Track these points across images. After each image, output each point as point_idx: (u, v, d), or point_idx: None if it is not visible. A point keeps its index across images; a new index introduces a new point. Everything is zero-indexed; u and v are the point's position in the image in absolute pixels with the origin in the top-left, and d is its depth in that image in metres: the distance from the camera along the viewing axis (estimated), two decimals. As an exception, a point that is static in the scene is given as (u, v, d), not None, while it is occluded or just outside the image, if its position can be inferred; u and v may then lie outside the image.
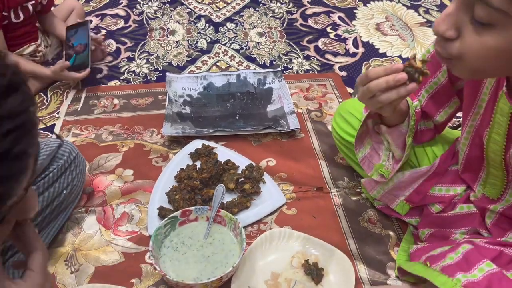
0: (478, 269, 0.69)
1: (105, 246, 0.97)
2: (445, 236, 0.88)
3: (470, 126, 0.80)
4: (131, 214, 1.04)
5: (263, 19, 1.87)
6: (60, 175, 0.90)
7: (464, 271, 0.69)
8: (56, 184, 0.89)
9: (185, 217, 0.95)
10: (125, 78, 1.52)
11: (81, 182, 0.98)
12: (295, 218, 1.04)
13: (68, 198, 0.94)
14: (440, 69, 0.83)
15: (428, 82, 0.86)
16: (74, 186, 0.94)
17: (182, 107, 1.35)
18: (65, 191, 0.91)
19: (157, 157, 1.20)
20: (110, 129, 1.28)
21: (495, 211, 0.82)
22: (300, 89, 1.47)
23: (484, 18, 0.54)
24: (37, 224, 0.87)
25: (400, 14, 1.92)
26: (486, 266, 0.69)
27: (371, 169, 0.93)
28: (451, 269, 0.70)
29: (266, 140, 1.26)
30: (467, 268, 0.69)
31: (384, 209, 1.02)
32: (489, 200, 0.83)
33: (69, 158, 0.92)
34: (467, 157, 0.83)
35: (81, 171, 0.96)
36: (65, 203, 0.93)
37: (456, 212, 0.89)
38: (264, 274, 0.89)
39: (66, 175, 0.92)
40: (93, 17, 1.85)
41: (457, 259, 0.72)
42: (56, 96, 1.43)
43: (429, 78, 0.85)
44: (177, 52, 1.66)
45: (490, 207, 0.83)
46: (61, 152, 0.91)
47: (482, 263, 0.69)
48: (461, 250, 0.73)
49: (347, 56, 1.66)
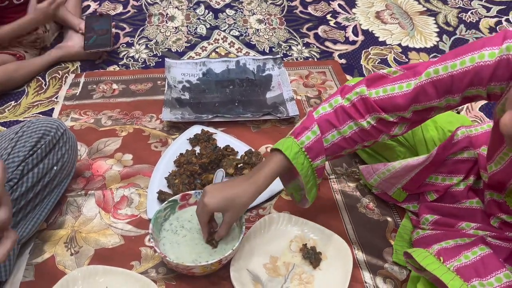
0: (495, 278, 0.67)
1: (104, 229, 0.97)
2: (450, 223, 0.88)
3: (501, 158, 0.75)
4: (131, 198, 1.04)
5: (263, 6, 1.86)
6: (49, 151, 0.91)
7: (480, 276, 0.67)
8: (45, 161, 0.91)
9: (184, 201, 0.95)
10: (124, 63, 1.52)
11: (72, 158, 0.98)
12: (293, 204, 1.04)
13: (60, 174, 0.95)
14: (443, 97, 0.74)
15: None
16: (64, 162, 0.95)
17: (181, 93, 1.34)
18: (56, 167, 0.93)
19: (156, 142, 1.20)
20: (109, 114, 1.28)
21: (503, 219, 0.81)
22: (300, 76, 1.47)
23: None
24: (30, 200, 0.89)
25: (400, 3, 1.92)
26: (505, 277, 0.67)
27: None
28: (468, 271, 0.68)
29: (265, 126, 1.27)
30: (484, 273, 0.68)
31: (382, 195, 1.03)
32: (507, 209, 0.80)
33: (57, 134, 0.93)
34: (503, 172, 0.78)
35: (71, 147, 0.97)
36: (57, 179, 0.94)
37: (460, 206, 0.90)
38: (262, 258, 0.90)
39: (55, 151, 0.93)
40: (91, 1, 1.83)
41: (474, 259, 0.70)
42: (55, 80, 1.42)
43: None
44: (176, 38, 1.65)
45: (502, 215, 0.81)
46: (47, 128, 0.91)
47: (500, 272, 0.68)
48: (479, 252, 0.71)
49: (346, 44, 1.66)
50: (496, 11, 1.88)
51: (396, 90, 0.76)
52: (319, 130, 0.80)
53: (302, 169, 0.80)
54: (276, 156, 0.82)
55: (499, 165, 0.77)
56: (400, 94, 0.76)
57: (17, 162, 0.86)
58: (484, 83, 0.67)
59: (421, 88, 0.73)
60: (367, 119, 0.79)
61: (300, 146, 0.80)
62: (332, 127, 0.81)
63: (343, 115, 0.80)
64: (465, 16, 1.83)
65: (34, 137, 0.89)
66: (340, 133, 0.81)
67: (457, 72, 0.69)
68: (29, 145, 0.88)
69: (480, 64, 0.66)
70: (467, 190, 0.90)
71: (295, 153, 0.79)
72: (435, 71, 0.71)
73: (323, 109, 0.82)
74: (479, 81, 0.67)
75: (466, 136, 0.92)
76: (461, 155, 0.91)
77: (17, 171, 0.86)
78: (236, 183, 0.83)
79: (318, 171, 0.83)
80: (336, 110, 0.81)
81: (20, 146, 0.88)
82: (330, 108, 0.81)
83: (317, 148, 0.80)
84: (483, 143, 0.90)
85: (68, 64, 1.49)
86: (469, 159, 0.91)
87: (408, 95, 0.75)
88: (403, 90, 0.75)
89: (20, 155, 0.87)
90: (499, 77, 0.65)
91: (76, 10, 1.65)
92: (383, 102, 0.77)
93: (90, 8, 1.79)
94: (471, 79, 0.68)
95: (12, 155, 0.87)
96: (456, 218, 0.89)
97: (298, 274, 0.88)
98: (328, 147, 0.82)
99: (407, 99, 0.75)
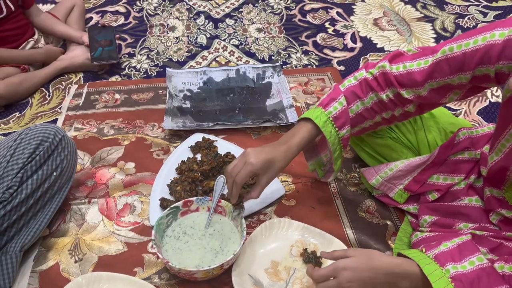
0: (469, 261, 0.69)
1: (108, 236, 0.99)
2: (448, 224, 0.89)
3: (503, 145, 0.78)
4: (133, 205, 1.06)
5: (262, 15, 1.88)
6: (48, 157, 0.92)
7: (455, 261, 0.69)
8: (44, 167, 0.91)
9: (186, 207, 0.96)
10: (126, 73, 1.54)
11: (72, 164, 0.99)
12: (294, 209, 1.06)
13: (61, 180, 0.95)
14: (456, 74, 0.78)
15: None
16: (64, 167, 0.95)
17: (182, 102, 1.36)
18: (55, 173, 0.93)
19: (158, 150, 1.21)
20: (112, 123, 1.30)
21: (502, 215, 0.82)
22: (299, 83, 1.49)
23: None
24: (31, 206, 0.90)
25: (397, 9, 1.94)
26: (477, 260, 0.69)
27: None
28: (444, 256, 0.70)
29: (265, 133, 1.28)
30: (459, 258, 0.70)
31: (383, 197, 1.04)
32: (506, 204, 0.82)
33: (55, 140, 0.93)
34: (501, 164, 0.81)
35: (70, 152, 0.97)
36: (57, 185, 0.95)
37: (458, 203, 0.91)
38: (264, 263, 0.91)
39: (54, 157, 0.93)
40: (93, 14, 1.86)
41: (451, 247, 0.72)
42: (58, 91, 1.44)
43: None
44: (177, 48, 1.67)
45: (502, 210, 0.82)
46: (45, 135, 0.92)
47: (474, 256, 0.70)
48: (457, 240, 0.73)
49: (345, 51, 1.68)
50: (493, 16, 1.90)
51: (415, 66, 0.82)
52: (346, 101, 0.88)
53: (330, 137, 0.87)
54: (305, 125, 0.88)
55: (500, 153, 0.79)
56: (418, 70, 0.82)
57: (16, 169, 0.87)
58: (492, 61, 0.71)
59: (436, 65, 0.79)
60: (386, 92, 0.86)
61: (328, 116, 0.86)
62: (357, 97, 0.88)
63: (366, 87, 0.87)
64: (462, 22, 1.86)
65: (33, 143, 0.90)
66: (363, 104, 0.88)
67: (469, 50, 0.74)
68: (28, 152, 0.89)
69: (490, 43, 0.71)
70: (467, 188, 0.92)
71: (324, 121, 0.86)
72: (450, 49, 0.76)
73: (348, 82, 0.90)
74: (488, 59, 0.71)
75: (468, 137, 0.93)
76: (462, 155, 0.93)
77: (17, 178, 0.87)
78: (274, 148, 0.87)
79: (343, 141, 0.90)
80: (361, 82, 0.88)
81: (19, 153, 0.89)
82: (355, 81, 0.89)
83: (343, 118, 0.87)
84: (484, 144, 0.92)
85: (71, 75, 1.52)
86: (470, 159, 0.92)
87: (425, 71, 0.80)
88: (421, 66, 0.82)
89: (19, 162, 0.87)
90: (507, 56, 0.69)
91: (79, 22, 1.69)
92: (402, 78, 0.84)
93: (92, 20, 1.82)
94: (481, 57, 0.72)
95: (11, 163, 0.87)
96: (455, 217, 0.90)
97: (299, 279, 0.89)
98: (352, 117, 0.89)
99: (424, 75, 0.81)
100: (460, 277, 0.67)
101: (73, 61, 1.51)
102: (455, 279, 0.67)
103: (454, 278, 0.67)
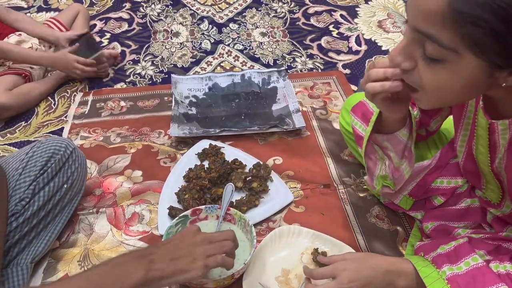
0: (464, 263, 0.69)
1: (117, 246, 0.98)
2: (448, 230, 0.89)
3: (464, 136, 0.80)
4: (142, 214, 1.05)
5: (266, 19, 1.88)
6: (59, 170, 0.93)
7: (451, 263, 0.70)
8: (55, 179, 0.92)
9: (195, 216, 0.96)
10: (131, 80, 1.54)
11: (82, 176, 1.00)
12: (303, 216, 1.05)
13: (71, 192, 0.97)
14: None
15: None
16: (74, 179, 0.97)
17: (188, 108, 1.36)
18: (66, 185, 0.94)
19: (165, 158, 1.21)
20: (118, 131, 1.30)
21: (494, 214, 0.83)
22: (305, 88, 1.48)
23: (434, 55, 0.56)
24: (42, 217, 0.90)
25: (402, 11, 1.93)
26: (473, 261, 0.69)
27: (372, 180, 0.94)
28: (440, 259, 0.72)
29: (272, 139, 1.28)
30: (455, 260, 0.70)
31: (390, 204, 1.03)
32: (490, 204, 0.83)
33: (66, 152, 0.95)
34: (464, 167, 0.84)
35: (80, 165, 0.99)
36: (68, 197, 0.96)
37: (462, 206, 0.91)
38: (274, 271, 0.90)
39: (65, 169, 0.95)
40: (97, 20, 1.86)
41: (448, 249, 0.73)
42: (64, 99, 1.44)
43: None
44: (182, 53, 1.67)
45: (491, 209, 0.84)
46: (57, 148, 0.94)
47: (469, 257, 0.70)
48: (454, 243, 0.74)
49: (350, 54, 1.67)
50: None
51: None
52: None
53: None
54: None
55: (461, 154, 0.82)
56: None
57: (28, 181, 0.88)
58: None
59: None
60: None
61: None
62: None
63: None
64: (467, 22, 1.84)
65: (44, 156, 0.91)
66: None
67: None
68: (40, 165, 0.90)
69: None
70: (469, 190, 0.91)
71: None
72: None
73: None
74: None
75: None
76: None
77: (29, 190, 0.88)
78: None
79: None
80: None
81: (31, 166, 0.90)
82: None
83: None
84: None
85: (77, 83, 1.52)
86: None
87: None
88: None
89: (31, 175, 0.89)
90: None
91: (84, 29, 1.68)
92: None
93: (96, 26, 1.82)
94: None
95: (23, 175, 0.89)
96: (459, 219, 0.90)
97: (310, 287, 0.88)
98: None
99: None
100: (456, 278, 0.68)
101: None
102: (451, 280, 0.68)
103: (450, 279, 0.68)
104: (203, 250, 0.74)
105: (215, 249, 0.75)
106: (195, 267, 0.71)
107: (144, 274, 0.66)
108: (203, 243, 0.75)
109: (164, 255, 0.70)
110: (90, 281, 0.60)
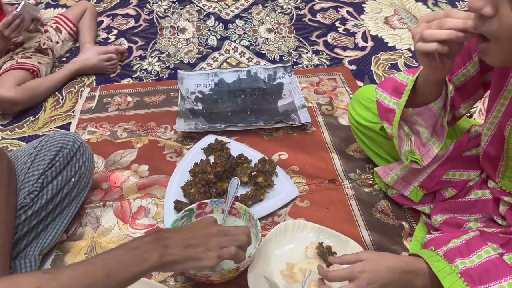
0: (476, 255, 0.69)
1: (123, 239, 0.99)
2: (458, 223, 0.88)
3: (495, 117, 0.79)
4: (148, 208, 1.06)
5: (272, 15, 1.88)
6: (67, 164, 0.95)
7: (463, 256, 0.70)
8: (63, 173, 0.94)
9: (201, 209, 0.97)
10: (137, 76, 1.55)
11: (89, 170, 1.01)
12: (308, 210, 1.05)
13: (79, 186, 0.98)
14: (470, 60, 0.81)
15: (456, 73, 0.84)
16: (82, 173, 0.98)
17: (194, 104, 1.37)
18: (74, 179, 0.96)
19: (171, 153, 1.22)
20: (125, 126, 1.31)
21: (509, 202, 0.83)
22: (310, 84, 1.48)
23: None
24: (50, 211, 0.92)
25: (408, 7, 1.92)
26: (485, 253, 0.69)
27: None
28: (452, 253, 0.71)
29: (277, 134, 1.28)
30: (467, 253, 0.70)
31: (397, 197, 1.03)
32: (505, 193, 0.83)
33: (74, 147, 0.96)
34: (486, 151, 0.83)
35: (87, 159, 1.00)
36: (76, 190, 0.97)
37: (471, 198, 0.90)
38: (279, 265, 0.91)
39: (72, 163, 0.96)
40: (104, 17, 1.87)
41: (460, 243, 0.73)
42: (71, 95, 1.46)
43: (456, 69, 0.84)
44: (188, 49, 1.68)
45: (505, 198, 0.83)
46: (65, 142, 0.95)
47: (481, 249, 0.70)
48: (465, 237, 0.74)
49: (356, 50, 1.67)
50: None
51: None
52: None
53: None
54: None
55: (487, 137, 0.81)
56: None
57: (36, 175, 0.89)
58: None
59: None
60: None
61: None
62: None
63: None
64: (474, 19, 1.83)
65: (53, 150, 0.93)
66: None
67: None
68: (48, 159, 0.91)
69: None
70: (480, 182, 0.91)
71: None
72: None
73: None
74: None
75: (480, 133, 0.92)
76: (477, 151, 0.92)
77: (37, 183, 0.89)
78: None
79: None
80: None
81: (40, 159, 0.91)
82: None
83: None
84: None
85: (84, 78, 1.53)
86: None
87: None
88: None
89: (40, 168, 0.90)
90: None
91: (91, 25, 1.69)
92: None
93: (103, 23, 1.84)
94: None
95: (32, 169, 0.90)
96: (468, 211, 0.89)
97: (315, 280, 0.88)
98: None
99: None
100: (469, 271, 0.67)
101: (86, 63, 1.52)
102: (464, 274, 0.67)
103: (463, 273, 0.67)
104: (218, 241, 0.74)
105: (230, 241, 0.75)
106: (208, 257, 0.72)
107: (159, 258, 0.67)
108: (218, 235, 0.76)
109: (179, 241, 0.71)
110: (104, 265, 0.61)
